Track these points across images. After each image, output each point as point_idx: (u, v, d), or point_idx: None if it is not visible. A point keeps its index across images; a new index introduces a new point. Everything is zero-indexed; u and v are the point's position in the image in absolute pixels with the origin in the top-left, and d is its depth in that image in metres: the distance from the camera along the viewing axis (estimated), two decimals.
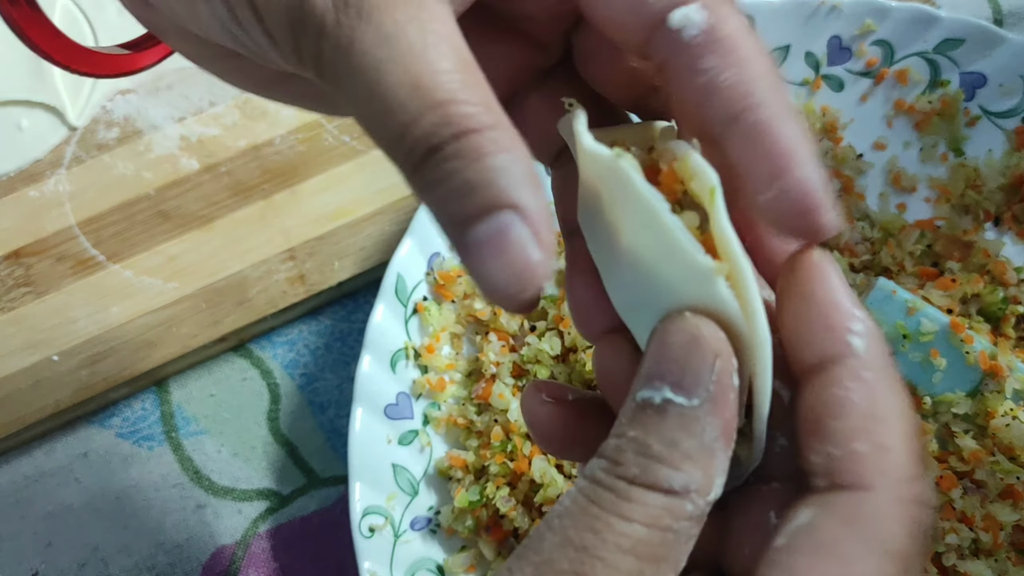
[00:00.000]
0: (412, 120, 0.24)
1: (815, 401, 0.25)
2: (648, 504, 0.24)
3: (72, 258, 0.66)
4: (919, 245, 0.61)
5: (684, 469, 0.24)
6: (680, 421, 0.25)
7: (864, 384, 0.25)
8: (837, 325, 0.25)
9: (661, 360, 0.25)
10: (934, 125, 0.64)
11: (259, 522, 0.63)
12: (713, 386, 0.25)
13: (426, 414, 0.61)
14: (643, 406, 0.25)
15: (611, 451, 0.25)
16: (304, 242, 0.66)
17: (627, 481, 0.24)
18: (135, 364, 0.64)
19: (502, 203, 0.23)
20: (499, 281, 0.24)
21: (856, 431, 0.25)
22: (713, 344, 0.25)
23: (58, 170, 0.68)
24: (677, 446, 0.24)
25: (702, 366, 0.25)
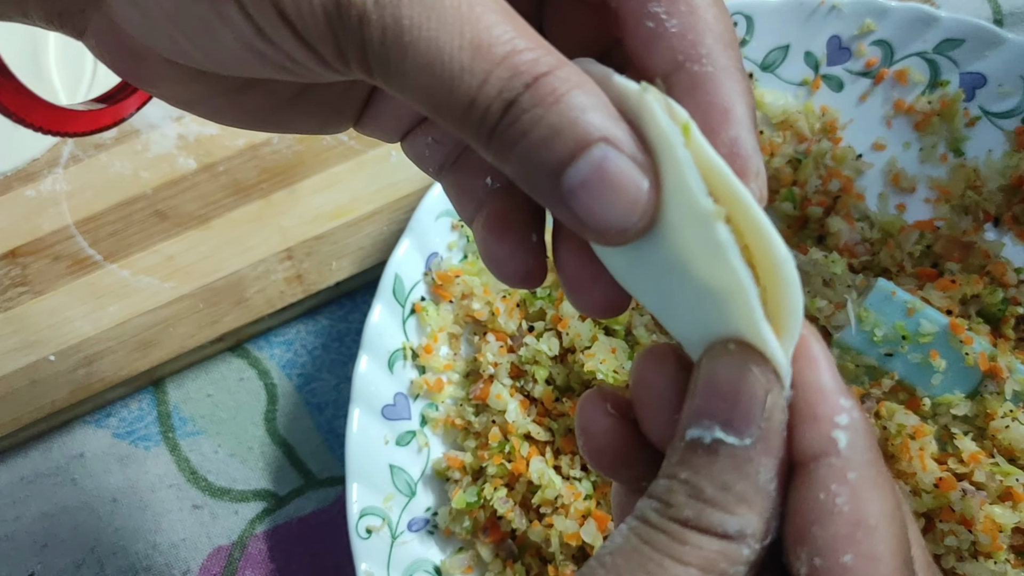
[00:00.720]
0: (482, 81, 0.23)
1: (800, 504, 0.24)
2: (703, 548, 0.23)
3: (69, 257, 0.66)
4: (919, 246, 0.61)
5: (739, 513, 0.23)
6: (732, 462, 0.23)
7: (849, 487, 0.23)
8: (823, 416, 0.24)
9: (710, 397, 0.24)
10: (934, 125, 0.64)
11: (256, 523, 0.63)
12: (764, 423, 0.24)
13: (424, 415, 0.61)
14: (693, 446, 0.24)
15: (662, 492, 0.24)
16: (302, 242, 0.66)
17: (680, 523, 0.23)
18: (132, 364, 0.64)
19: (593, 137, 0.23)
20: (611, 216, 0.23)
21: (842, 540, 0.23)
22: (763, 379, 0.24)
23: (55, 169, 0.68)
24: (731, 489, 0.23)
25: (752, 403, 0.24)
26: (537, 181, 0.24)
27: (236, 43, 0.26)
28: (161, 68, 0.29)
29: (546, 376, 0.59)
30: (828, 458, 0.24)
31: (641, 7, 0.26)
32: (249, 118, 0.31)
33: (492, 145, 0.24)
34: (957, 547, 0.51)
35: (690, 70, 0.26)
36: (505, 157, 0.24)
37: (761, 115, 0.66)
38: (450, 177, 0.33)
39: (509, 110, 0.23)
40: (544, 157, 0.23)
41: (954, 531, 0.51)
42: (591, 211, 0.23)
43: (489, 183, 0.31)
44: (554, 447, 0.59)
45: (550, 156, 0.23)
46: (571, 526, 0.54)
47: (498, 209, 0.30)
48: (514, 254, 0.29)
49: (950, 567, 0.51)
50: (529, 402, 0.60)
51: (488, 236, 0.30)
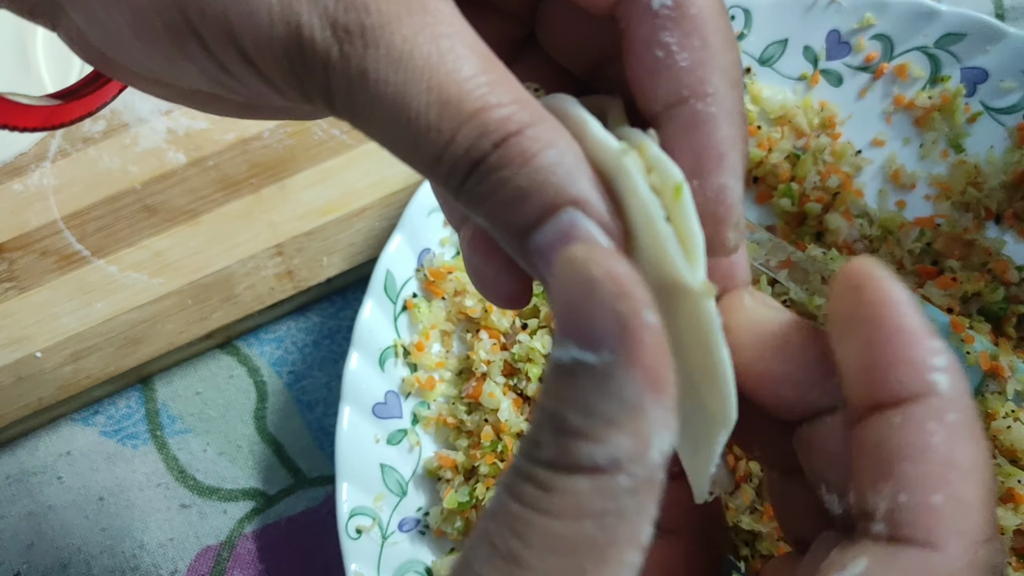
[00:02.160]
0: (448, 140, 0.22)
1: (887, 439, 0.22)
2: (572, 492, 0.20)
3: (56, 253, 0.65)
4: (918, 243, 0.60)
5: (607, 439, 0.20)
6: (592, 383, 0.20)
7: (947, 428, 0.22)
8: (917, 359, 0.22)
9: (559, 311, 0.21)
10: (934, 121, 0.63)
11: (245, 522, 0.62)
12: (621, 333, 0.20)
13: (415, 413, 0.60)
14: (555, 370, 0.21)
15: (531, 431, 0.22)
16: (292, 237, 0.65)
17: (546, 466, 0.21)
18: (120, 361, 0.63)
19: (561, 200, 0.22)
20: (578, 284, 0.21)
21: (934, 479, 0.22)
22: (610, 283, 0.21)
23: (43, 163, 0.67)
24: (594, 413, 0.20)
25: (603, 312, 0.20)
26: (504, 238, 0.24)
27: (200, 75, 0.26)
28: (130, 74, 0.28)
29: (540, 374, 0.58)
30: (926, 398, 0.22)
31: (653, 34, 0.25)
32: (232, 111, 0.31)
33: (459, 198, 0.24)
34: None
35: (693, 107, 0.25)
36: (472, 210, 0.24)
37: (759, 110, 0.65)
38: None
39: (476, 169, 0.23)
40: (512, 218, 0.23)
41: None
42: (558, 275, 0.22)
43: None
44: None
45: (517, 218, 0.23)
46: None
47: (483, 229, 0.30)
48: (499, 276, 0.29)
49: None
50: (522, 400, 0.59)
51: (474, 255, 0.29)
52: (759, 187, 0.64)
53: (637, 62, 0.26)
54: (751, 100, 0.65)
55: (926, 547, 0.21)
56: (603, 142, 0.24)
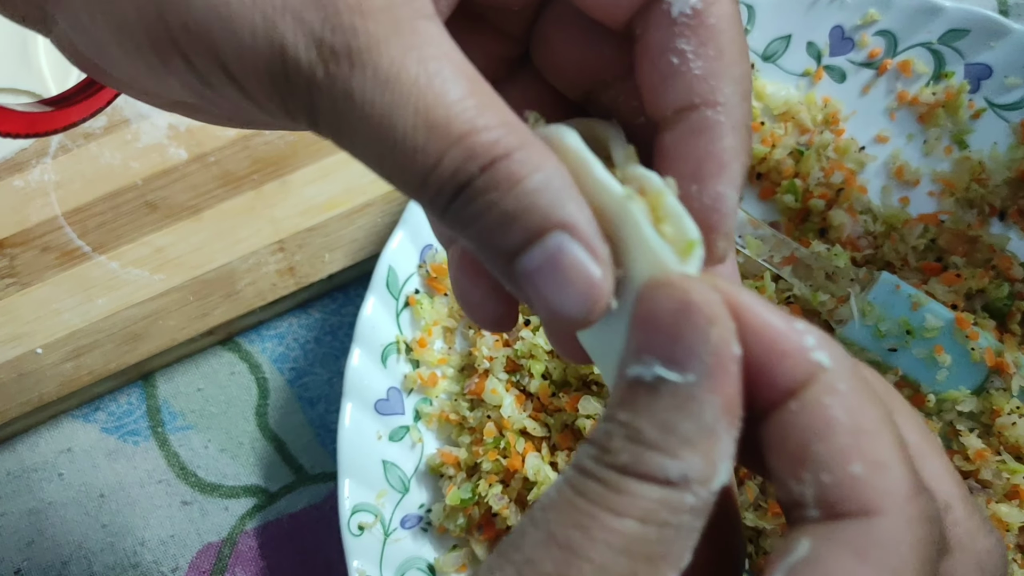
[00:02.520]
0: (435, 162, 0.22)
1: (793, 427, 0.22)
2: (642, 497, 0.21)
3: (57, 249, 0.65)
4: (922, 239, 0.59)
5: (682, 456, 0.21)
6: (674, 401, 0.22)
7: (842, 397, 0.22)
8: (792, 348, 0.23)
9: (649, 331, 0.22)
10: (938, 117, 0.63)
11: (246, 519, 0.62)
12: (710, 358, 0.22)
13: (417, 410, 0.60)
14: (633, 385, 0.22)
15: (599, 437, 0.23)
16: (294, 233, 0.65)
17: (617, 471, 0.22)
18: (121, 357, 0.63)
19: (548, 224, 0.22)
20: (563, 305, 0.23)
21: (847, 451, 0.22)
22: (707, 309, 0.22)
23: (43, 159, 0.67)
24: (673, 430, 0.22)
25: (695, 335, 0.22)
26: (490, 262, 0.24)
27: (183, 88, 0.26)
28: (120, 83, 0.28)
29: (542, 371, 0.58)
30: (815, 377, 0.22)
31: (670, 41, 0.26)
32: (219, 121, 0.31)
33: (445, 219, 0.24)
34: None
35: (702, 114, 0.26)
36: (458, 232, 0.24)
37: (762, 106, 0.64)
38: None
39: (462, 192, 0.23)
40: (499, 242, 0.23)
41: None
42: (543, 298, 0.23)
43: None
44: (550, 443, 0.58)
45: (504, 242, 0.23)
46: None
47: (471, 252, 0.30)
48: (486, 300, 0.29)
49: None
50: (525, 397, 0.59)
51: (461, 276, 0.29)
52: (762, 183, 0.63)
53: (651, 67, 0.26)
54: (755, 96, 0.65)
55: (862, 516, 0.22)
56: (606, 185, 0.24)
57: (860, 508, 0.22)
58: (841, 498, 0.22)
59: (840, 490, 0.22)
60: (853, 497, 0.22)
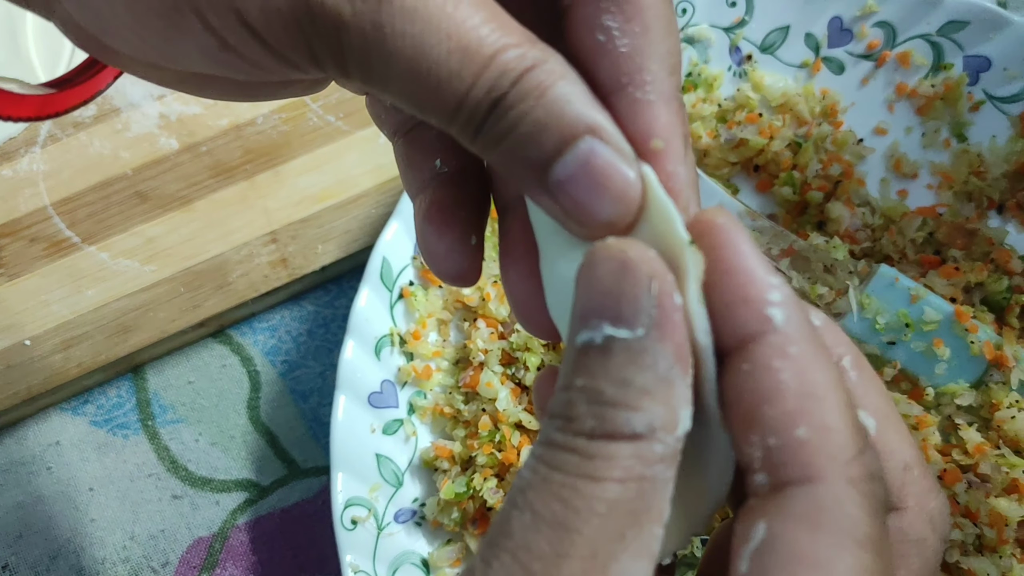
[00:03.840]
0: (470, 85, 0.23)
1: (742, 387, 0.23)
2: (615, 457, 0.22)
3: (46, 239, 0.64)
4: (921, 232, 0.59)
5: (644, 408, 0.22)
6: (628, 356, 0.22)
7: (792, 360, 0.23)
8: (753, 297, 0.23)
9: (593, 294, 0.23)
10: (937, 110, 0.62)
11: (238, 514, 0.61)
12: (655, 310, 0.22)
13: (411, 403, 0.59)
14: (585, 349, 0.23)
15: (561, 407, 0.23)
16: (287, 225, 0.64)
17: (586, 436, 0.22)
18: (110, 350, 0.62)
19: (579, 129, 0.23)
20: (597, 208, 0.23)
21: (793, 415, 0.22)
22: (645, 265, 0.23)
23: (32, 148, 0.66)
24: (630, 384, 0.22)
25: (638, 291, 0.22)
26: (524, 176, 0.24)
27: (199, 53, 0.25)
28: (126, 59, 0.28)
29: (538, 363, 0.57)
30: (766, 336, 0.23)
31: (595, 17, 0.25)
32: (228, 95, 0.30)
33: (478, 142, 0.24)
34: (962, 541, 0.50)
35: (631, 95, 0.25)
36: (490, 152, 0.24)
37: (760, 98, 0.64)
38: (403, 146, 0.32)
39: (496, 107, 0.23)
40: (531, 153, 0.23)
41: (959, 524, 0.50)
42: (579, 205, 0.23)
43: (438, 165, 0.30)
44: None
45: (538, 152, 0.23)
46: None
47: (441, 199, 0.30)
48: (451, 253, 0.29)
49: (954, 561, 0.49)
50: (520, 390, 0.58)
51: (427, 227, 0.30)
52: (760, 175, 0.63)
53: (579, 45, 0.26)
54: (753, 88, 0.64)
55: (806, 482, 0.22)
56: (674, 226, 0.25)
57: (805, 474, 0.22)
58: (785, 463, 0.22)
59: (785, 455, 0.22)
60: (797, 462, 0.22)
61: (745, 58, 0.64)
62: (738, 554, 0.22)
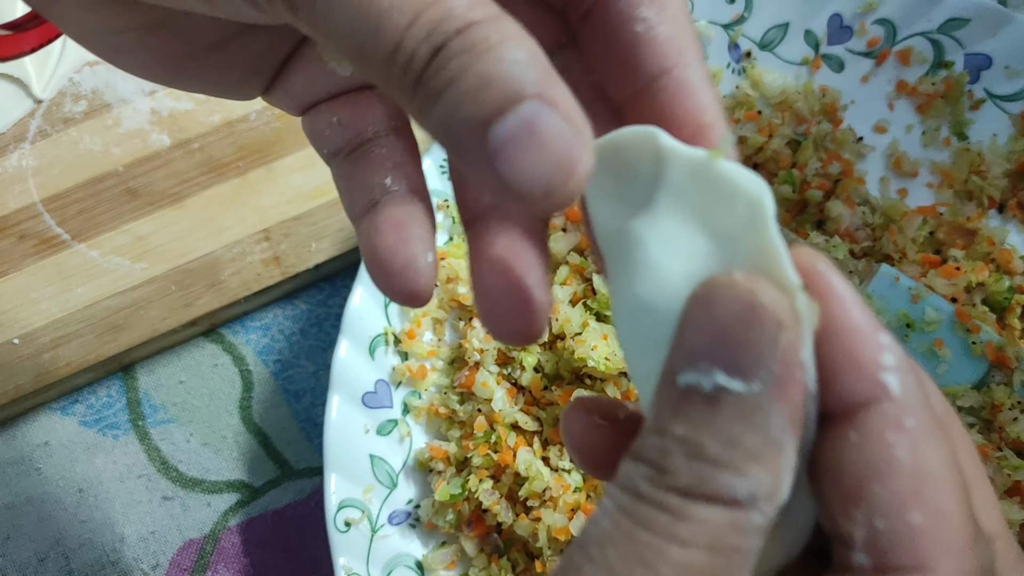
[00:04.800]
0: (410, 21, 0.21)
1: (850, 459, 0.21)
2: (709, 522, 0.20)
3: (35, 236, 0.63)
4: (921, 232, 0.58)
5: (749, 472, 0.20)
6: (739, 412, 0.20)
7: (908, 435, 0.21)
8: (866, 360, 0.21)
9: (707, 335, 0.20)
10: (937, 108, 0.62)
11: (229, 515, 0.60)
12: (778, 366, 0.20)
13: (406, 403, 0.58)
14: (688, 395, 0.21)
15: (653, 454, 0.21)
16: (280, 222, 0.63)
17: (679, 494, 0.20)
18: (100, 348, 0.61)
19: (525, 92, 0.21)
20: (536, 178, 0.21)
21: (907, 497, 0.20)
22: (775, 312, 0.20)
23: (22, 145, 0.65)
24: (738, 444, 0.20)
25: (762, 341, 0.20)
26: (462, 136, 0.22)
27: None
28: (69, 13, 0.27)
29: (534, 363, 0.57)
30: (879, 405, 0.21)
31: (630, 10, 0.26)
32: (157, 63, 0.29)
33: (416, 95, 0.22)
34: None
35: (679, 77, 0.26)
36: (429, 110, 0.22)
37: (759, 95, 0.63)
38: (345, 166, 0.31)
39: (437, 55, 0.21)
40: (471, 110, 0.21)
41: None
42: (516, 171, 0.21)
43: (388, 183, 0.29)
44: (542, 437, 0.56)
45: (478, 108, 0.21)
46: (560, 520, 0.52)
47: (394, 217, 0.28)
48: (405, 271, 0.28)
49: None
50: (516, 390, 0.57)
51: (381, 243, 0.28)
52: (759, 173, 0.62)
53: (614, 39, 0.26)
54: (752, 85, 0.63)
55: (915, 572, 0.20)
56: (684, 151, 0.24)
57: (916, 563, 0.20)
58: (894, 548, 0.20)
59: (894, 539, 0.20)
60: (908, 549, 0.20)
61: (744, 55, 0.64)
62: None
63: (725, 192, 0.23)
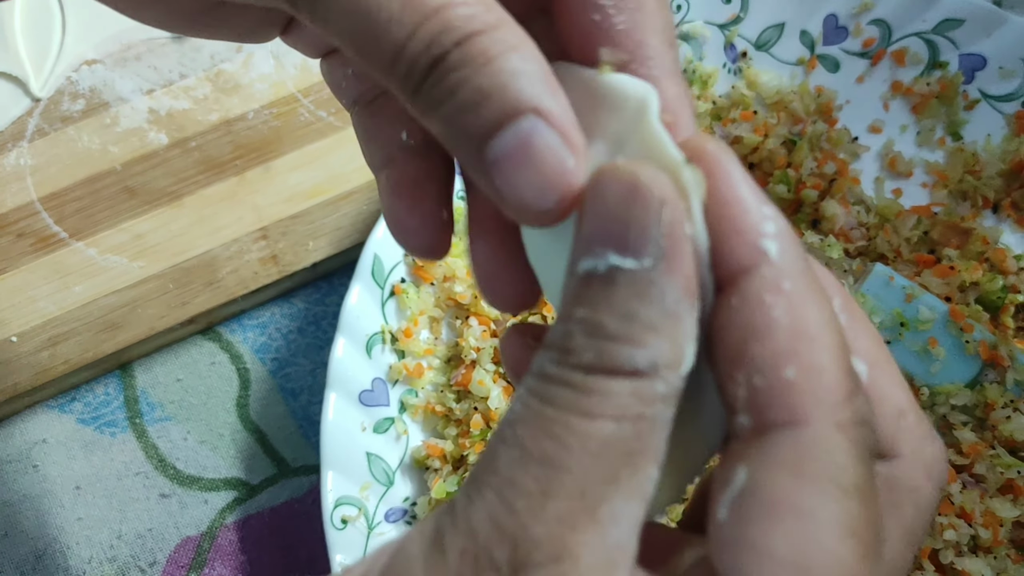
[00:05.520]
0: (409, 34, 0.21)
1: (730, 323, 0.22)
2: (613, 393, 0.20)
3: (33, 235, 0.63)
4: (916, 231, 0.59)
5: (648, 343, 0.21)
6: (633, 288, 0.21)
7: (785, 296, 0.21)
8: (747, 227, 0.22)
9: (598, 219, 0.21)
10: (932, 108, 0.62)
11: (226, 513, 0.60)
12: (664, 240, 0.21)
13: (403, 401, 0.58)
14: (587, 279, 0.21)
15: (558, 338, 0.21)
16: (277, 221, 0.63)
17: (583, 371, 0.21)
18: (98, 346, 0.61)
19: (522, 107, 0.21)
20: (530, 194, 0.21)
21: (783, 354, 0.21)
22: (656, 190, 0.21)
23: (20, 143, 0.65)
24: (635, 318, 0.21)
25: (647, 218, 0.21)
26: (460, 146, 0.22)
27: None
28: None
29: None
30: (759, 269, 0.21)
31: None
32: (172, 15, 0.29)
33: (417, 102, 0.23)
34: (956, 541, 0.49)
35: (635, 72, 0.25)
36: (429, 117, 0.23)
37: (755, 95, 0.64)
38: (363, 117, 0.31)
39: (436, 67, 0.22)
40: (469, 123, 0.22)
41: (953, 525, 0.49)
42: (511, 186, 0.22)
43: (404, 138, 0.29)
44: None
45: (475, 122, 0.21)
46: None
47: (410, 173, 0.29)
48: (422, 227, 0.29)
49: (949, 562, 0.49)
50: (512, 388, 0.58)
51: (396, 202, 0.29)
52: (755, 173, 0.62)
53: (572, 27, 0.25)
54: (747, 85, 0.64)
55: (791, 426, 0.21)
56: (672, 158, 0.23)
57: (790, 416, 0.21)
58: (771, 404, 0.21)
59: (771, 396, 0.21)
60: (783, 404, 0.21)
61: (740, 55, 0.64)
62: (718, 501, 0.21)
63: (615, 100, 0.24)
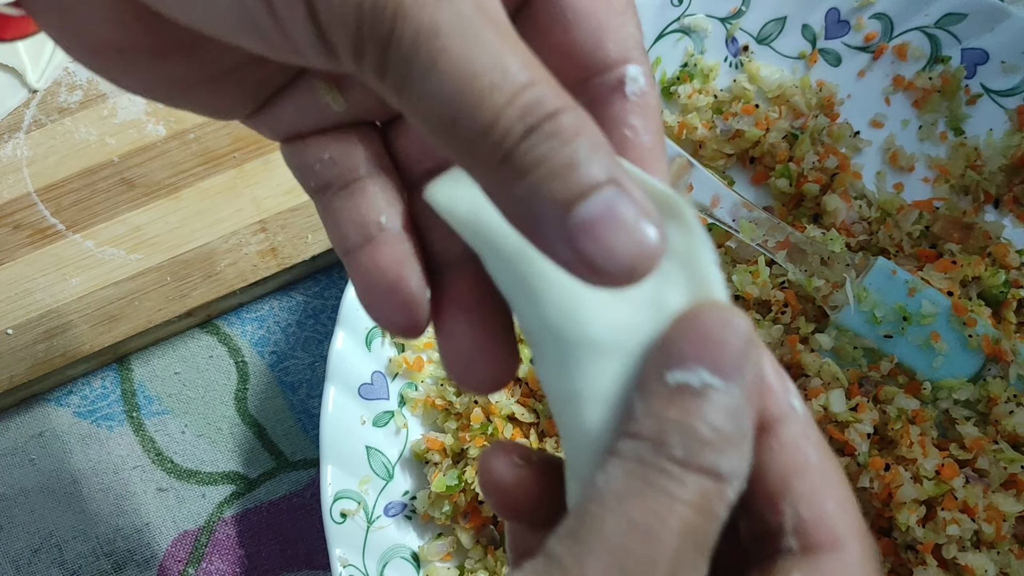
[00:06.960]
0: (506, 103, 0.23)
1: (774, 463, 0.26)
2: (699, 487, 0.24)
3: (30, 227, 0.63)
4: (917, 226, 0.59)
5: (728, 454, 0.24)
6: (723, 407, 0.24)
7: (813, 444, 0.26)
8: (777, 386, 0.27)
9: (696, 341, 0.25)
10: (934, 103, 0.62)
11: (224, 507, 0.60)
12: (751, 373, 0.25)
13: (402, 394, 0.58)
14: (681, 390, 0.25)
15: (652, 434, 0.24)
16: (276, 213, 0.63)
17: (678, 464, 0.24)
18: (95, 339, 0.61)
19: (605, 178, 0.23)
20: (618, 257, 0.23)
21: (822, 490, 0.26)
22: (746, 330, 0.25)
23: (16, 134, 0.65)
24: (721, 431, 0.24)
25: (740, 349, 0.25)
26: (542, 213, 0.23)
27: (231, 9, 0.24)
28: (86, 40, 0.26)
29: (531, 355, 0.57)
30: (791, 419, 0.27)
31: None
32: (158, 85, 0.29)
33: (502, 169, 0.23)
34: (959, 536, 0.49)
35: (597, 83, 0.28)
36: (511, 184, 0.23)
37: (756, 89, 0.63)
38: (336, 201, 0.31)
39: (530, 135, 0.23)
40: (558, 189, 0.23)
41: (956, 520, 0.49)
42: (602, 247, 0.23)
43: (383, 221, 0.30)
44: (539, 429, 0.56)
45: (565, 188, 0.23)
46: None
47: (394, 254, 0.30)
48: (408, 305, 0.30)
49: (952, 557, 0.49)
50: (513, 382, 0.57)
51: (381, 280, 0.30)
52: (756, 167, 0.62)
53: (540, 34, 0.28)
54: (749, 79, 0.63)
55: (834, 549, 0.25)
56: None
57: (832, 541, 0.25)
58: (818, 531, 0.25)
59: (817, 524, 0.26)
60: (828, 530, 0.25)
61: (742, 49, 0.64)
62: None
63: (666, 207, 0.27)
